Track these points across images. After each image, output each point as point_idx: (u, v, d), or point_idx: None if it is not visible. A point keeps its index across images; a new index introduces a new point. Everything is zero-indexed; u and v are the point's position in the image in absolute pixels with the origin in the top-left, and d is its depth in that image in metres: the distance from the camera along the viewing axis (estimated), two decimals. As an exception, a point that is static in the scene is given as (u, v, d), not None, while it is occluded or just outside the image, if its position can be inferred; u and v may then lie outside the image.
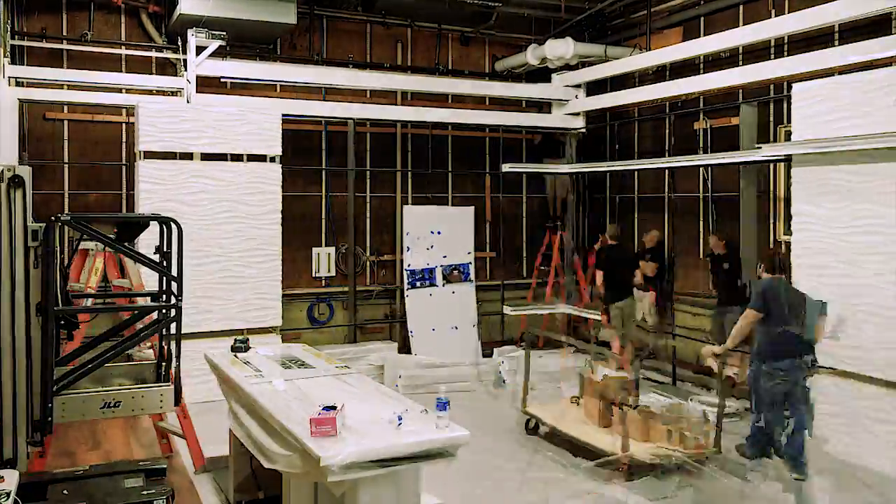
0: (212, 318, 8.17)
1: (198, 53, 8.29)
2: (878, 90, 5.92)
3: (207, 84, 8.90)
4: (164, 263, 4.48)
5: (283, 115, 9.16)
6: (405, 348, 9.78)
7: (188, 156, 8.27)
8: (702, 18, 9.70)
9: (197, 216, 8.12)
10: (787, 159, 6.91)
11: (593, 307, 9.79)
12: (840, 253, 6.19)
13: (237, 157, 8.43)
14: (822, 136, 6.26)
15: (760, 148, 7.24)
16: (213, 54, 8.48)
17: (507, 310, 10.12)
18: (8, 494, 3.22)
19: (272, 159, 8.61)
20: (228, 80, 9.39)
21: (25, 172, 3.70)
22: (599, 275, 9.14)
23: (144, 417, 7.40)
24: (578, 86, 10.54)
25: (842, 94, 6.19)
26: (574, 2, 10.55)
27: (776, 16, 8.49)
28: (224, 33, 8.33)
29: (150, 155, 8.03)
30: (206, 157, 8.31)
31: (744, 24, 8.87)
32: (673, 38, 9.95)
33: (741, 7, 9.11)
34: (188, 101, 8.40)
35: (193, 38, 8.32)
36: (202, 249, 8.10)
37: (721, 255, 8.55)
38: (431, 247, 10.02)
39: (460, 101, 10.89)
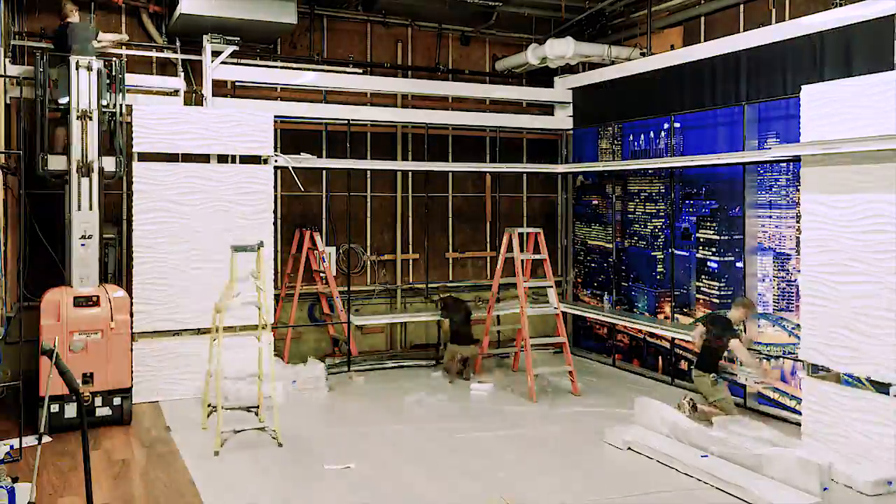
0: (203, 315, 8.16)
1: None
2: (885, 92, 5.93)
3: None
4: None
5: (282, 118, 9.25)
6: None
7: (183, 157, 8.31)
8: (702, 18, 9.68)
9: (191, 216, 8.16)
10: (796, 160, 6.95)
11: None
12: (849, 251, 6.21)
13: (231, 158, 8.47)
14: (830, 138, 6.29)
15: (769, 148, 7.25)
16: (216, 56, 8.53)
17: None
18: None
19: (265, 160, 8.63)
20: (229, 81, 9.43)
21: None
22: None
23: (145, 418, 7.43)
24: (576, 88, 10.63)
25: (849, 96, 6.21)
26: (574, 1, 10.54)
27: (776, 16, 8.51)
28: (238, 38, 8.43)
29: (144, 156, 8.06)
30: (200, 157, 8.34)
31: (744, 24, 8.90)
32: (673, 38, 9.95)
33: (741, 7, 9.10)
34: (203, 105, 8.51)
35: (209, 44, 8.45)
36: (196, 248, 8.14)
37: None
38: None
39: (461, 99, 10.90)
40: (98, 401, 7.02)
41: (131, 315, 7.50)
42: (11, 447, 6.05)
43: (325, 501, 5.57)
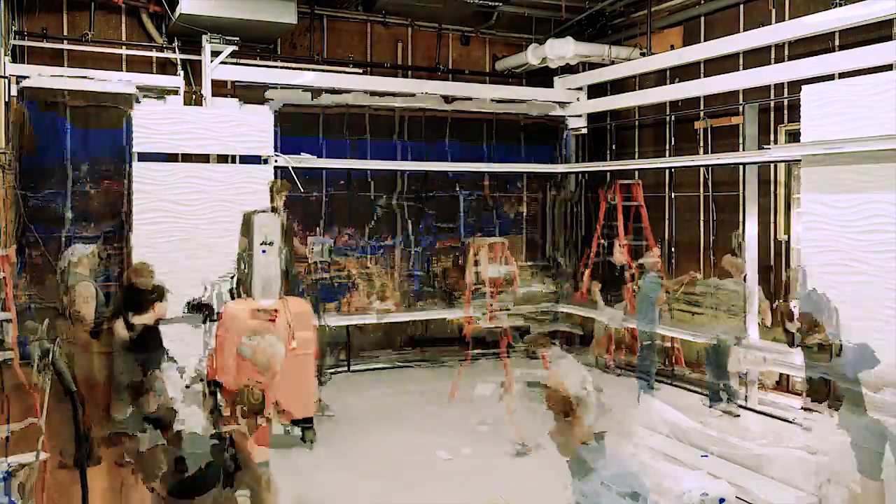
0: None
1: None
2: (885, 92, 5.93)
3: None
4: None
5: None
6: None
7: (183, 157, 8.28)
8: (702, 18, 9.68)
9: (191, 216, 8.12)
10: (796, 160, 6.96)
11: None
12: (849, 251, 6.21)
13: (231, 158, 8.44)
14: (831, 138, 6.28)
15: (769, 148, 7.25)
16: (216, 56, 8.51)
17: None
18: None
19: (265, 160, 8.61)
20: (229, 81, 9.41)
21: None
22: None
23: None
24: (580, 88, 10.60)
25: (850, 96, 6.21)
26: (574, 1, 10.53)
27: (776, 16, 8.50)
28: (238, 38, 8.39)
29: (144, 156, 8.04)
30: (200, 157, 8.31)
31: (744, 24, 8.89)
32: (673, 38, 9.95)
33: (741, 7, 9.10)
34: (203, 105, 8.48)
35: (209, 44, 8.42)
36: (197, 249, 8.11)
37: None
38: None
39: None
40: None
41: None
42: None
43: (324, 501, 5.57)
